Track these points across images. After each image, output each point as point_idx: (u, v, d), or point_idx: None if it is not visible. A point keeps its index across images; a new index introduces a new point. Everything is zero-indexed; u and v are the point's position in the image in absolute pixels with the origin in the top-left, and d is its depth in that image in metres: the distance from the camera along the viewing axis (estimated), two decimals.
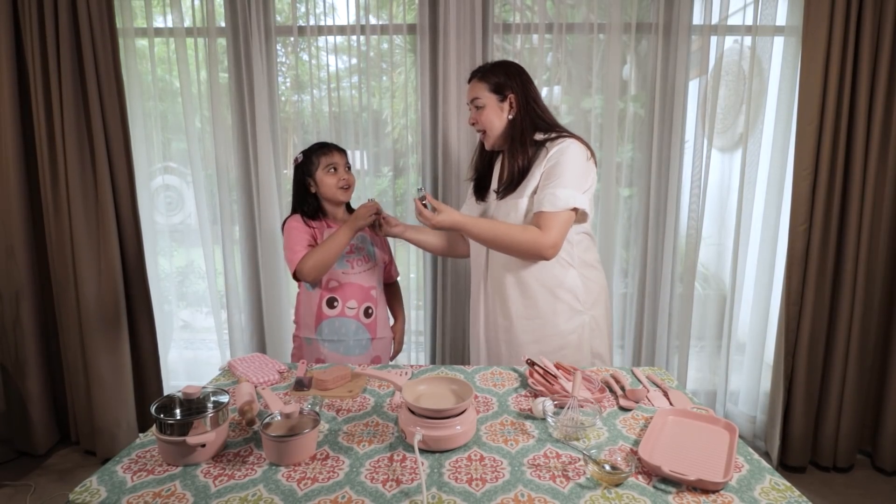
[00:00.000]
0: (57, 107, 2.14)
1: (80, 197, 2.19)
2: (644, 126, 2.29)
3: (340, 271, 1.70)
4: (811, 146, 2.08)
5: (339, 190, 1.69)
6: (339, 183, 1.69)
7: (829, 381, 2.22)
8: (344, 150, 1.74)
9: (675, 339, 2.38)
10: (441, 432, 1.01)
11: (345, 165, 1.71)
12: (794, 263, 2.15)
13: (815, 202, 2.11)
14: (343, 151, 1.73)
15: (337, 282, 1.70)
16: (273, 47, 2.27)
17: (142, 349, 2.34)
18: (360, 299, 1.72)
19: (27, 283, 2.27)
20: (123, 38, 2.21)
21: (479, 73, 1.56)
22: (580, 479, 0.94)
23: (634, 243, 2.38)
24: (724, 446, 1.03)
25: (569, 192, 1.45)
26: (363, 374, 1.35)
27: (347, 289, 1.71)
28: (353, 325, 1.72)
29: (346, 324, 1.71)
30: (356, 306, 1.72)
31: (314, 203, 1.73)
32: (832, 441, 2.23)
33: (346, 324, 1.71)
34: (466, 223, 1.48)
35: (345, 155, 1.73)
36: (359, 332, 1.72)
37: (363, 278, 1.73)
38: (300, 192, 1.73)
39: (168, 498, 0.89)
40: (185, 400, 1.05)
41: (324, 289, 1.70)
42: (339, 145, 1.74)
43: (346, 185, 1.70)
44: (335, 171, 1.68)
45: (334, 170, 1.68)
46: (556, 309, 1.55)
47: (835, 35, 2.01)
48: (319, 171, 1.68)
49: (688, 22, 2.16)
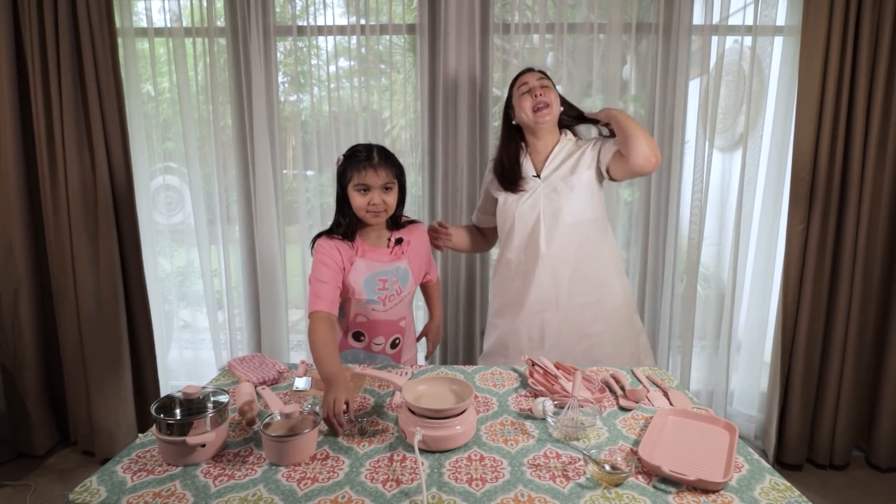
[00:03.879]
0: (56, 106, 2.14)
1: (80, 196, 2.19)
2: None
3: (370, 307, 1.51)
4: (809, 146, 2.08)
5: (367, 214, 1.43)
6: (368, 207, 1.41)
7: (825, 379, 2.22)
8: (389, 160, 1.44)
9: (676, 340, 2.38)
10: (441, 432, 1.01)
11: (382, 186, 1.41)
12: (791, 263, 2.15)
13: (813, 202, 2.12)
14: (384, 166, 1.41)
15: (365, 318, 1.53)
16: (272, 47, 2.26)
17: (140, 349, 2.34)
18: (387, 335, 1.57)
19: (26, 281, 2.26)
20: (123, 37, 2.21)
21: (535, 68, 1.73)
22: (580, 479, 0.94)
23: (635, 243, 2.38)
24: (724, 446, 1.03)
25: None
26: (363, 374, 1.35)
27: (376, 326, 1.54)
28: (378, 359, 1.59)
29: (371, 357, 1.58)
30: (383, 342, 1.57)
31: (351, 218, 1.47)
32: (829, 439, 2.24)
33: (371, 357, 1.58)
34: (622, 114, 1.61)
35: (386, 171, 1.41)
36: (383, 362, 1.59)
37: (394, 313, 1.54)
38: (341, 203, 1.48)
39: (168, 498, 0.89)
40: (185, 400, 1.05)
41: (350, 322, 1.53)
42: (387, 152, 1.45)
43: (376, 210, 1.42)
44: (366, 192, 1.41)
45: (365, 190, 1.41)
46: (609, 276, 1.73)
47: (833, 35, 2.01)
48: (350, 187, 1.42)
49: (688, 22, 2.16)
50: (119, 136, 2.17)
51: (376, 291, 1.49)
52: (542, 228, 1.67)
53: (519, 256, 1.72)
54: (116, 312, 2.24)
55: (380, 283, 1.49)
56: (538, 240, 1.67)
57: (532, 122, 1.67)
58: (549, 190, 1.68)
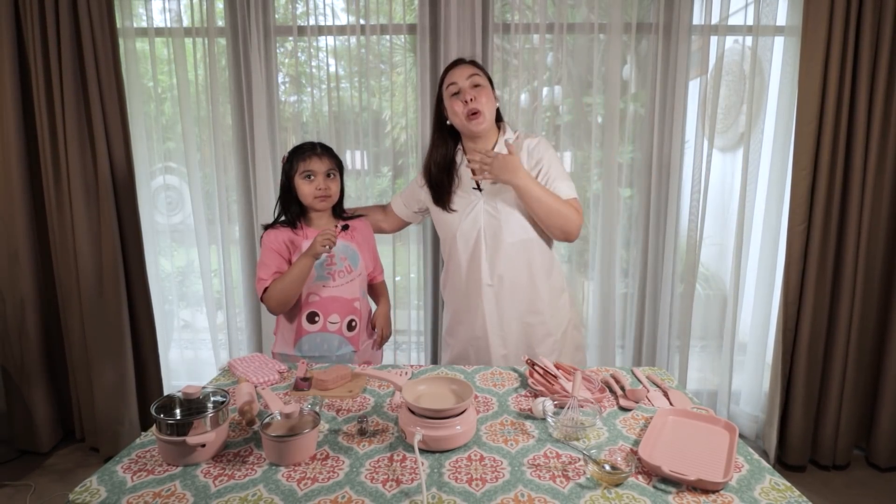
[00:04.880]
0: (59, 107, 2.14)
1: (83, 197, 2.19)
2: (644, 126, 2.29)
3: (321, 284, 1.59)
4: (810, 146, 2.07)
5: (314, 199, 1.57)
6: (315, 192, 1.56)
7: (828, 380, 2.21)
8: (330, 152, 1.61)
9: (676, 339, 2.38)
10: (441, 432, 1.01)
11: (325, 172, 1.57)
12: (792, 263, 2.15)
13: (814, 202, 2.11)
14: (327, 155, 1.59)
15: (317, 296, 1.60)
16: (272, 47, 2.26)
17: (143, 347, 2.35)
18: (342, 313, 1.62)
19: (31, 284, 2.27)
20: (123, 37, 2.21)
21: (470, 60, 1.58)
22: (580, 479, 0.94)
23: (635, 243, 2.38)
24: (724, 446, 1.03)
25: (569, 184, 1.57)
26: (363, 374, 1.35)
27: (329, 303, 1.60)
28: (336, 340, 1.62)
29: (328, 339, 1.61)
30: (339, 321, 1.61)
31: (297, 208, 1.62)
32: (832, 440, 2.23)
33: (328, 339, 1.61)
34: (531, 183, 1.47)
35: (328, 159, 1.58)
36: (341, 347, 1.63)
37: (346, 290, 1.62)
38: (285, 195, 1.62)
39: (168, 498, 0.89)
40: (185, 400, 1.05)
41: (303, 303, 1.59)
42: (327, 146, 1.61)
43: (322, 195, 1.57)
44: (312, 179, 1.56)
45: (310, 177, 1.56)
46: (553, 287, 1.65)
47: (834, 35, 2.00)
48: (297, 177, 1.56)
49: (688, 22, 2.16)
50: (121, 134, 2.17)
51: (325, 267, 1.59)
52: (483, 249, 1.56)
53: (462, 277, 1.62)
54: (119, 311, 2.25)
55: (328, 259, 1.59)
56: (480, 264, 1.57)
57: (465, 129, 1.55)
58: (490, 207, 1.56)
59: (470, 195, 1.59)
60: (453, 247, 1.62)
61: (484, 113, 1.52)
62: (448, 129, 1.62)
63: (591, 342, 2.42)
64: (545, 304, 1.61)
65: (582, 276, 2.48)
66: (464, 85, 1.51)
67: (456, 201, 1.61)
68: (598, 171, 2.31)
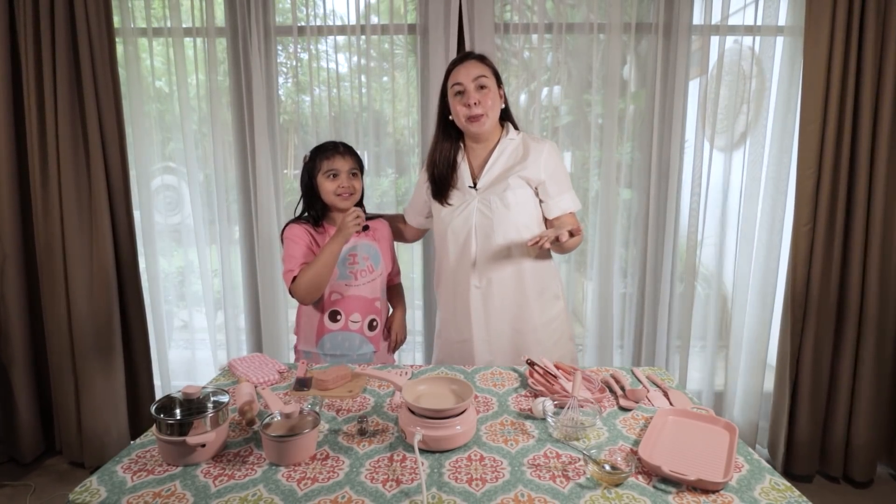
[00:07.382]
0: (51, 107, 2.10)
1: (74, 199, 2.14)
2: (644, 126, 2.29)
3: (343, 283, 1.62)
4: (814, 145, 2.04)
5: (336, 198, 1.59)
6: (338, 190, 1.58)
7: (836, 386, 2.15)
8: (352, 151, 1.64)
9: (676, 339, 2.38)
10: (441, 432, 1.01)
11: (349, 171, 1.60)
12: (797, 265, 2.11)
13: (819, 202, 2.07)
14: (349, 154, 1.62)
15: (339, 294, 1.62)
16: (273, 48, 2.26)
17: (135, 352, 2.30)
18: (363, 312, 1.65)
19: (16, 286, 2.21)
20: (122, 38, 2.21)
21: (478, 56, 1.55)
22: (580, 479, 0.94)
23: (634, 243, 2.38)
24: (724, 446, 1.03)
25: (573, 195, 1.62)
26: (363, 374, 1.35)
27: (351, 302, 1.63)
28: (357, 339, 1.65)
29: (350, 338, 1.64)
30: (360, 320, 1.64)
31: (320, 207, 1.64)
32: (842, 450, 2.17)
33: (350, 338, 1.64)
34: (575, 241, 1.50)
35: (351, 158, 1.62)
36: (362, 346, 1.66)
37: (367, 290, 1.65)
38: (308, 195, 1.64)
39: (168, 498, 0.89)
40: (184, 400, 1.05)
41: (326, 301, 1.62)
42: (349, 145, 1.64)
43: (346, 193, 1.59)
44: (335, 178, 1.59)
45: (334, 175, 1.59)
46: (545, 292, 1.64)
47: (837, 33, 1.98)
48: (320, 175, 1.59)
49: (688, 22, 2.16)
50: (116, 136, 2.15)
51: (347, 266, 1.62)
52: (473, 248, 1.55)
53: (451, 277, 1.61)
54: (110, 315, 2.20)
55: (350, 258, 1.62)
56: (468, 264, 1.56)
57: (465, 130, 1.55)
58: (483, 206, 1.54)
59: (465, 192, 1.58)
60: (444, 243, 1.62)
61: (486, 115, 1.51)
62: (452, 124, 1.61)
63: (590, 342, 2.42)
64: (536, 312, 1.59)
65: (581, 276, 2.48)
66: (469, 87, 1.50)
67: (452, 196, 1.60)
68: (597, 171, 2.30)
